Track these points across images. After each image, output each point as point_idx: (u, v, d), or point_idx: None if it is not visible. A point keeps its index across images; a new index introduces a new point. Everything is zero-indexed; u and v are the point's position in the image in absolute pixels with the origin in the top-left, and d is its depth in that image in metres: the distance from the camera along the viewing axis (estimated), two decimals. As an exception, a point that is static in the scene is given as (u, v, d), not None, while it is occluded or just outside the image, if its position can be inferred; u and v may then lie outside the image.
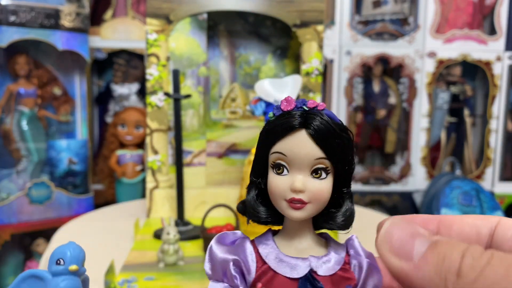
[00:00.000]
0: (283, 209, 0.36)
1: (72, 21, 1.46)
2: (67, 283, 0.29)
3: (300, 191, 0.35)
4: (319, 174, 0.35)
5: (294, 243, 0.37)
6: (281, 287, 0.35)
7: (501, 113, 1.81)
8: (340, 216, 0.37)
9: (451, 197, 1.59)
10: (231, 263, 0.36)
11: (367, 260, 0.37)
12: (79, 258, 0.30)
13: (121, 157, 1.64)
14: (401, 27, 1.78)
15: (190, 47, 1.22)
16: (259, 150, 0.37)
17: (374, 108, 1.82)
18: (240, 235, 0.38)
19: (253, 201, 0.38)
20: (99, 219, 1.20)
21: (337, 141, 0.35)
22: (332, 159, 0.35)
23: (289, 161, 0.35)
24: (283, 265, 0.36)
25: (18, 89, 1.49)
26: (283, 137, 0.35)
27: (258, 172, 0.38)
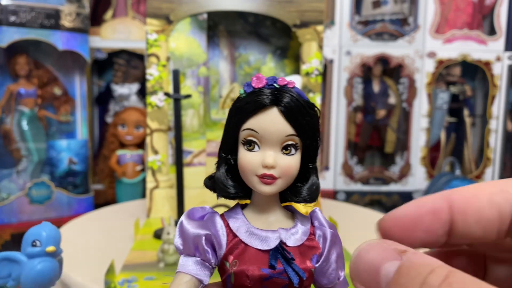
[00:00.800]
0: (254, 184, 0.37)
1: (72, 21, 1.47)
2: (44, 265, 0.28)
3: (271, 167, 0.36)
4: (289, 150, 0.36)
5: (263, 216, 0.38)
6: (253, 259, 0.36)
7: (500, 113, 1.81)
8: (306, 190, 0.38)
9: (450, 197, 1.59)
10: (203, 238, 0.36)
11: (330, 231, 0.38)
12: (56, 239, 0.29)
13: (121, 157, 1.64)
14: (401, 27, 1.78)
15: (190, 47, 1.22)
16: (229, 127, 0.38)
17: (374, 108, 1.82)
18: (208, 210, 0.39)
19: (223, 177, 0.38)
20: (99, 219, 1.20)
21: (306, 118, 0.36)
22: (302, 136, 0.36)
23: (260, 138, 0.36)
24: (254, 237, 0.37)
25: (18, 89, 1.49)
26: (255, 114, 0.36)
27: (228, 148, 0.38)
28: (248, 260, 0.36)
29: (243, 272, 0.35)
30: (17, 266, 0.28)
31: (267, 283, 0.35)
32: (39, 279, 0.27)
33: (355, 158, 1.86)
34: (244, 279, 0.36)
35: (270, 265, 0.35)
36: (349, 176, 1.83)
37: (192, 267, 0.36)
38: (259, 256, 0.36)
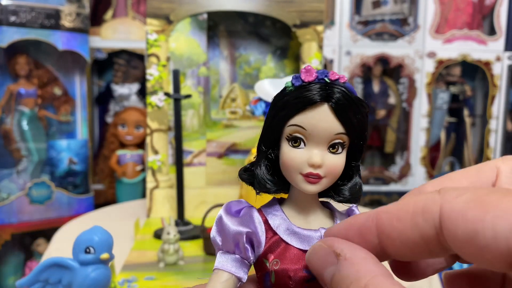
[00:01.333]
0: (297, 183, 0.35)
1: (72, 21, 1.47)
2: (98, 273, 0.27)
3: (318, 166, 0.34)
4: (336, 149, 0.35)
5: (303, 214, 0.37)
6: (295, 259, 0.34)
7: (500, 113, 1.81)
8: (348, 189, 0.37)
9: (450, 197, 1.59)
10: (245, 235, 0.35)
11: None
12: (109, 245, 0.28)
13: (121, 157, 1.64)
14: (401, 27, 1.79)
15: (190, 47, 1.22)
16: (273, 121, 0.36)
17: (374, 108, 1.82)
18: (245, 203, 0.37)
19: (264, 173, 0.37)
20: (99, 219, 1.21)
21: (358, 116, 0.34)
22: (351, 134, 0.34)
23: (307, 135, 0.34)
24: (295, 237, 0.35)
25: (18, 89, 1.49)
26: (304, 110, 0.34)
27: (269, 143, 0.37)
28: (290, 260, 0.34)
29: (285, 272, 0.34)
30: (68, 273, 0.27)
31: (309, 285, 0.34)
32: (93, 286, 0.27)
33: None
34: (286, 279, 0.34)
35: None
36: (349, 176, 1.83)
37: (231, 264, 0.35)
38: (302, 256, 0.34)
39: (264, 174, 0.37)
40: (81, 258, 0.27)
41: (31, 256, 1.56)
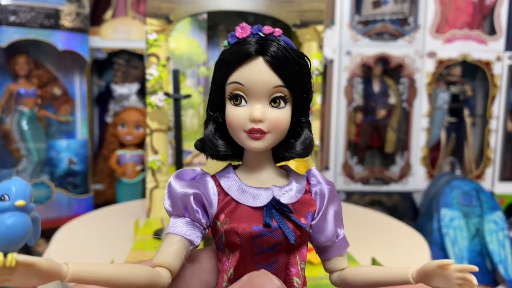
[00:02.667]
0: (242, 141, 0.35)
1: (72, 21, 1.46)
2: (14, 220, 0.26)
3: (259, 120, 0.34)
4: (278, 103, 0.34)
5: (255, 174, 0.37)
6: (245, 217, 0.34)
7: (501, 113, 1.81)
8: (299, 144, 0.37)
9: (451, 197, 1.59)
10: (192, 197, 0.35)
11: (328, 187, 0.37)
12: (25, 193, 0.27)
13: (121, 157, 1.64)
14: (401, 27, 1.78)
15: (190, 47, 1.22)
16: (215, 82, 0.36)
17: (374, 108, 1.82)
18: (200, 171, 0.38)
19: (212, 136, 0.37)
20: (99, 219, 1.20)
21: (295, 67, 0.34)
22: (290, 87, 0.34)
23: (246, 91, 0.34)
24: (246, 195, 0.35)
25: (18, 89, 1.49)
26: (240, 66, 0.34)
27: (215, 106, 0.37)
28: (239, 218, 0.34)
29: (233, 229, 0.34)
30: None
31: (258, 241, 0.34)
32: (9, 234, 0.26)
33: (355, 158, 1.85)
34: (234, 237, 0.34)
35: (265, 223, 0.34)
36: (349, 176, 1.82)
37: (182, 227, 0.35)
38: (252, 213, 0.34)
39: (212, 137, 0.37)
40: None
41: (31, 256, 1.56)
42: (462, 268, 0.31)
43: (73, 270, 0.29)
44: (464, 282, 0.31)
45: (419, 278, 0.33)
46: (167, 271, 0.34)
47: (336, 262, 0.38)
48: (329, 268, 0.38)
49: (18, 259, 0.26)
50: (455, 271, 0.31)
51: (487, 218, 1.55)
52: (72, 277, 0.29)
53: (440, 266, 0.31)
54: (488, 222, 1.54)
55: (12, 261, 0.26)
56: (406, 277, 0.34)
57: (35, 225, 0.31)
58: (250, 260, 0.34)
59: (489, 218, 1.55)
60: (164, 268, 0.34)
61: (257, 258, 0.34)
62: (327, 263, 0.38)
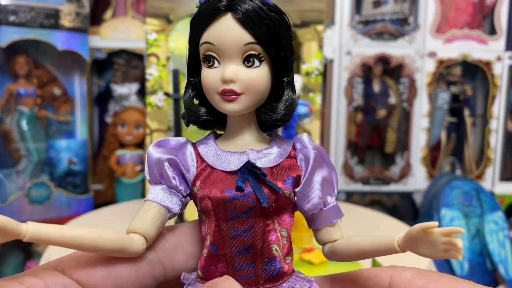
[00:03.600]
0: (217, 103, 0.34)
1: (72, 21, 1.46)
2: None
3: (230, 80, 0.33)
4: (252, 62, 0.33)
5: (235, 140, 0.36)
6: (219, 181, 0.33)
7: (501, 113, 1.81)
8: (281, 105, 0.35)
9: (451, 197, 1.59)
10: (166, 163, 0.34)
11: (314, 151, 0.35)
12: None
13: (121, 157, 1.64)
14: (401, 27, 1.78)
15: (190, 47, 1.22)
16: (190, 45, 0.35)
17: (374, 108, 1.82)
18: (183, 140, 0.37)
19: (189, 101, 0.36)
20: (99, 219, 1.20)
21: (266, 22, 0.32)
22: (263, 44, 0.33)
23: (218, 51, 0.33)
24: (221, 160, 0.34)
25: (18, 89, 1.49)
26: (209, 24, 0.33)
27: (193, 71, 0.36)
28: (212, 183, 0.33)
29: (206, 194, 0.33)
30: None
31: (230, 206, 0.33)
32: None
33: (355, 158, 1.85)
34: (206, 202, 0.33)
35: (237, 187, 0.32)
36: (349, 176, 1.82)
37: (158, 194, 0.34)
38: (226, 178, 0.33)
39: (190, 103, 0.36)
40: None
41: (31, 256, 1.56)
42: (448, 231, 0.29)
43: (33, 229, 0.28)
44: (450, 247, 0.29)
45: (405, 245, 0.31)
46: (141, 237, 0.33)
47: (326, 233, 0.36)
48: (320, 239, 0.36)
49: None
50: (440, 235, 0.29)
51: (487, 218, 1.55)
52: (31, 236, 0.28)
53: (423, 230, 0.29)
54: (488, 222, 1.54)
55: None
56: (392, 245, 0.32)
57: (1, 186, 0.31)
58: (225, 226, 0.33)
59: (489, 218, 1.54)
60: (138, 234, 0.33)
61: (231, 223, 0.33)
62: (317, 233, 0.36)
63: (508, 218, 1.66)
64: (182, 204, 0.35)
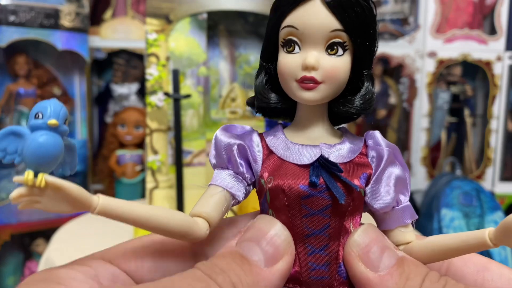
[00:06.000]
0: (293, 91, 0.32)
1: (71, 21, 1.46)
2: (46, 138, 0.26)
3: (312, 68, 0.31)
4: (335, 50, 0.31)
5: (305, 132, 0.34)
6: (290, 174, 0.31)
7: (501, 113, 1.81)
8: (359, 99, 0.33)
9: (451, 197, 1.59)
10: (235, 147, 0.33)
11: (388, 149, 0.33)
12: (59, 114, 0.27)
13: (121, 157, 1.63)
14: (401, 27, 1.78)
15: (190, 47, 1.22)
16: (269, 29, 0.33)
17: (374, 108, 1.82)
18: (249, 128, 0.35)
19: (261, 86, 0.34)
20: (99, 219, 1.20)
21: (356, 9, 0.30)
22: (350, 32, 0.31)
23: (301, 36, 0.31)
24: (291, 152, 0.32)
25: (17, 89, 1.49)
26: (294, 8, 0.31)
27: (268, 56, 0.34)
28: (285, 176, 0.31)
29: (279, 187, 0.31)
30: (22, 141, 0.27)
31: (306, 202, 0.31)
32: (41, 152, 0.26)
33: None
34: (280, 196, 0.31)
35: (311, 181, 0.30)
36: (349, 176, 1.82)
37: (225, 179, 0.33)
38: (298, 171, 0.31)
39: (262, 88, 0.34)
40: (31, 123, 0.26)
41: (31, 256, 1.55)
42: None
43: (103, 202, 0.28)
44: None
45: (498, 238, 0.28)
46: (205, 221, 0.31)
47: (399, 234, 0.33)
48: (392, 241, 0.33)
49: (48, 180, 0.26)
50: None
51: (487, 218, 1.54)
52: (101, 209, 0.28)
53: None
54: (488, 222, 1.54)
55: (42, 181, 0.25)
56: (483, 240, 0.28)
57: (71, 154, 0.30)
58: (299, 223, 0.31)
59: (490, 218, 1.54)
60: (202, 218, 0.32)
61: (306, 221, 0.31)
62: (389, 235, 0.33)
63: (508, 218, 1.66)
64: (246, 192, 0.34)
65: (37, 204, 0.26)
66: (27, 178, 0.25)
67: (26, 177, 0.25)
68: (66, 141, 0.28)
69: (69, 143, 0.29)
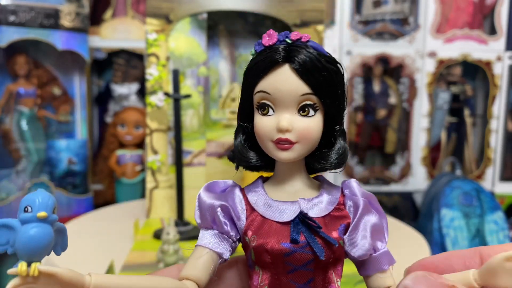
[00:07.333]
0: (270, 151, 0.34)
1: (71, 21, 1.46)
2: (37, 231, 0.27)
3: (286, 130, 0.33)
4: (307, 112, 0.33)
5: (285, 187, 0.35)
6: (272, 233, 0.33)
7: (501, 113, 1.81)
8: (333, 154, 0.35)
9: (451, 197, 1.59)
10: (219, 209, 0.34)
11: (363, 199, 0.35)
12: (48, 205, 0.28)
13: (121, 157, 1.63)
14: (402, 27, 1.78)
15: (190, 47, 1.22)
16: (243, 92, 0.35)
17: (374, 108, 1.82)
18: (230, 183, 0.37)
19: (241, 146, 0.36)
20: (99, 219, 1.20)
21: (323, 73, 0.32)
22: (319, 94, 0.33)
23: (273, 100, 0.33)
24: (272, 210, 0.34)
25: (17, 89, 1.49)
26: (266, 74, 0.33)
27: (245, 116, 0.36)
28: (267, 234, 0.33)
29: (262, 246, 0.32)
30: (13, 233, 0.28)
31: (289, 259, 0.32)
32: (32, 244, 0.27)
33: (355, 158, 1.85)
34: (264, 254, 0.32)
35: (292, 239, 0.32)
36: (349, 176, 1.82)
37: (210, 240, 0.34)
38: (279, 229, 0.33)
39: (241, 147, 0.36)
40: (21, 217, 0.28)
41: (31, 256, 1.55)
42: None
43: (96, 281, 0.29)
44: None
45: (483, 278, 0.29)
46: (194, 284, 0.33)
47: (378, 280, 0.34)
48: (371, 286, 0.35)
49: (41, 269, 0.27)
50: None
51: (487, 218, 1.54)
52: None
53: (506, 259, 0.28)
54: (488, 222, 1.54)
55: (35, 271, 0.27)
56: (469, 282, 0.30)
57: (62, 236, 0.31)
58: (284, 279, 0.33)
59: (490, 218, 1.54)
60: (191, 281, 0.33)
61: (291, 276, 0.33)
62: (368, 280, 0.35)
63: (508, 218, 1.66)
64: (232, 249, 0.35)
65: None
66: (20, 270, 0.27)
67: (20, 269, 0.27)
68: (56, 226, 0.30)
69: (59, 227, 0.30)
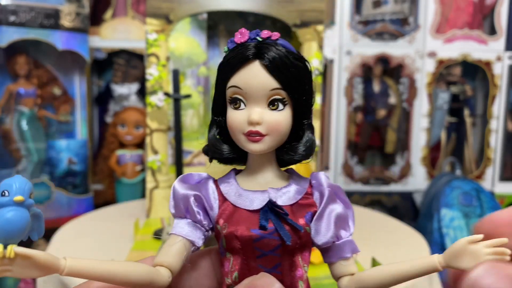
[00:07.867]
0: (242, 143, 0.36)
1: (72, 21, 1.46)
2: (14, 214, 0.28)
3: (257, 123, 0.35)
4: (276, 106, 0.35)
5: (255, 177, 0.37)
6: (242, 220, 0.35)
7: (501, 113, 1.81)
8: (301, 146, 0.37)
9: (451, 197, 1.59)
10: (192, 198, 0.36)
11: (328, 189, 0.37)
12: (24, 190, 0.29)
13: (121, 157, 1.64)
14: (401, 27, 1.78)
15: (190, 47, 1.22)
16: (217, 87, 0.37)
17: (374, 108, 1.82)
18: (205, 176, 0.39)
19: (214, 139, 0.38)
20: (99, 219, 1.20)
21: (291, 70, 0.35)
22: (288, 89, 0.35)
23: (244, 94, 0.35)
24: (242, 199, 0.36)
25: (17, 89, 1.49)
26: (237, 70, 0.35)
27: (218, 110, 0.38)
28: (237, 222, 0.35)
29: (232, 233, 0.35)
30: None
31: (258, 244, 0.34)
32: (9, 227, 0.28)
33: (355, 158, 1.85)
34: (234, 241, 0.35)
35: (261, 225, 0.34)
36: (349, 176, 1.82)
37: (183, 228, 0.36)
38: (249, 217, 0.35)
39: (215, 140, 0.38)
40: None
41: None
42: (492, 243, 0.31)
43: (70, 264, 0.30)
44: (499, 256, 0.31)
45: (447, 261, 0.32)
46: (167, 270, 0.34)
47: (341, 267, 0.37)
48: (334, 273, 0.37)
49: (17, 251, 0.28)
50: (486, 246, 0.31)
51: (487, 218, 1.54)
52: (69, 271, 0.30)
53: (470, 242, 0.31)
54: (488, 222, 1.54)
55: (11, 253, 0.28)
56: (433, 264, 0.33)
57: (38, 221, 0.32)
58: (253, 264, 0.35)
59: (490, 218, 1.54)
60: (164, 267, 0.35)
61: (260, 261, 0.35)
62: (332, 267, 0.37)
63: (508, 218, 1.66)
64: (205, 237, 0.37)
65: (8, 272, 0.28)
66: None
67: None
68: (33, 211, 0.31)
69: (35, 213, 0.31)
